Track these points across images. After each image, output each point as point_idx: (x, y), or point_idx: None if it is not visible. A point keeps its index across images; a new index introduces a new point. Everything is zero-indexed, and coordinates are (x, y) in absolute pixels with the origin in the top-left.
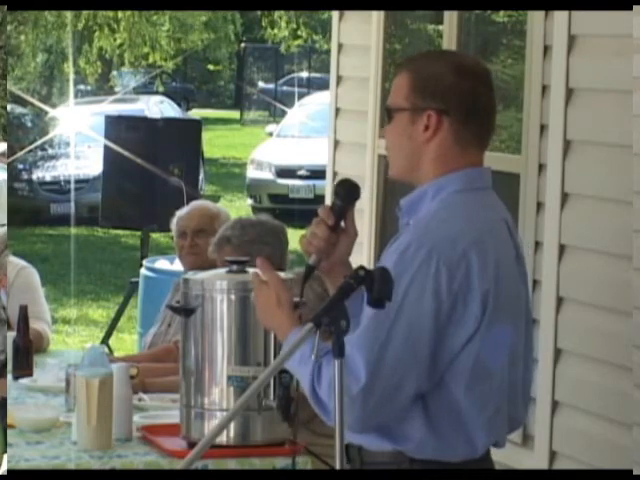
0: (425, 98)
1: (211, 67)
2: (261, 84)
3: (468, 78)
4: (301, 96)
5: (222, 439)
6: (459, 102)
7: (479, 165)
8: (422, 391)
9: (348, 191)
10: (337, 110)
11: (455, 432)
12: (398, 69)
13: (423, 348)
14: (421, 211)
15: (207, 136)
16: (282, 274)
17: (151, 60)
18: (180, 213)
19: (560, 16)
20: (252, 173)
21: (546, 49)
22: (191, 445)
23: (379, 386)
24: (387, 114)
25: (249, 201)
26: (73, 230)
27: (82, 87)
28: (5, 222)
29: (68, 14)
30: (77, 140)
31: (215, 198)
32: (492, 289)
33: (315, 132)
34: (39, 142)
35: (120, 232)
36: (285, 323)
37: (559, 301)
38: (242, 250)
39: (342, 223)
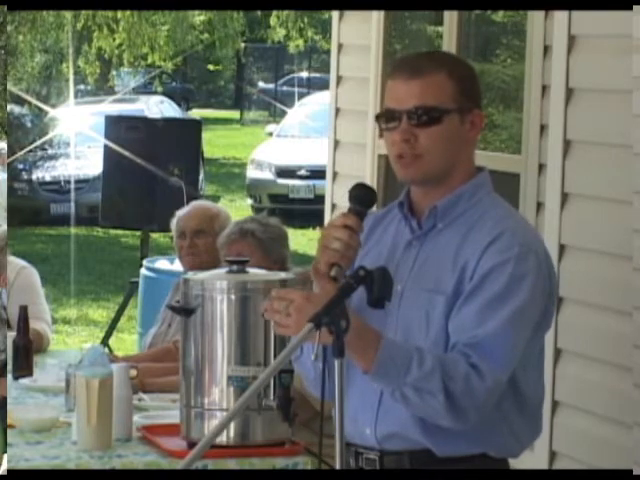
0: (469, 99)
1: (211, 67)
2: (261, 84)
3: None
4: (301, 96)
5: (222, 439)
6: (481, 103)
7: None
8: None
9: (367, 196)
10: (337, 110)
11: (527, 427)
12: (423, 70)
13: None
14: (456, 213)
15: (207, 136)
16: (283, 274)
17: (150, 60)
18: (180, 213)
19: (560, 16)
20: (252, 173)
21: (546, 49)
22: (191, 445)
23: (505, 379)
24: (421, 115)
25: (249, 201)
26: (73, 230)
27: (82, 87)
28: (5, 222)
29: (67, 14)
30: (77, 140)
31: (215, 198)
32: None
33: (315, 132)
34: (39, 142)
35: (120, 232)
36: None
37: (559, 301)
38: (263, 246)
39: None
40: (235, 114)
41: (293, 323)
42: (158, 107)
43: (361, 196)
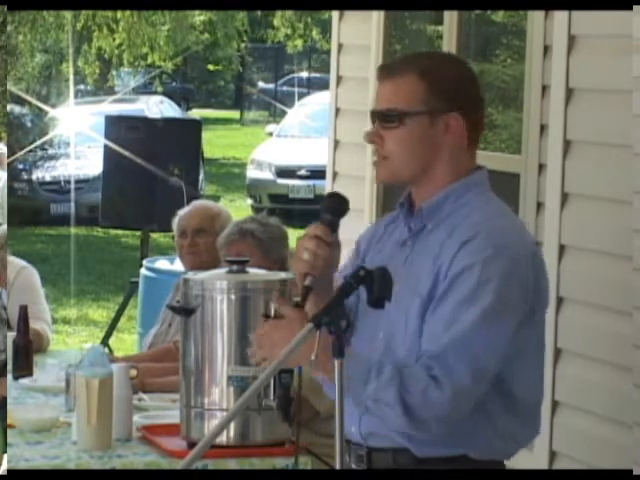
0: (445, 101)
1: (211, 67)
2: (261, 84)
3: (477, 82)
4: (301, 96)
5: (222, 439)
6: (473, 105)
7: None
8: None
9: (338, 205)
10: (337, 110)
11: (520, 427)
12: (394, 72)
13: (504, 349)
14: (443, 213)
15: (207, 136)
16: (283, 274)
17: (150, 60)
18: (181, 212)
19: (560, 16)
20: (252, 173)
21: (546, 49)
22: (191, 445)
23: (477, 389)
24: (387, 117)
25: (249, 201)
26: (73, 230)
27: (82, 87)
28: (5, 222)
29: (67, 14)
30: (77, 140)
31: (215, 198)
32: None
33: (315, 132)
34: (39, 142)
35: (120, 232)
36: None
37: (559, 301)
38: (263, 246)
39: None
40: (235, 114)
41: (266, 354)
42: (158, 107)
43: (332, 206)
